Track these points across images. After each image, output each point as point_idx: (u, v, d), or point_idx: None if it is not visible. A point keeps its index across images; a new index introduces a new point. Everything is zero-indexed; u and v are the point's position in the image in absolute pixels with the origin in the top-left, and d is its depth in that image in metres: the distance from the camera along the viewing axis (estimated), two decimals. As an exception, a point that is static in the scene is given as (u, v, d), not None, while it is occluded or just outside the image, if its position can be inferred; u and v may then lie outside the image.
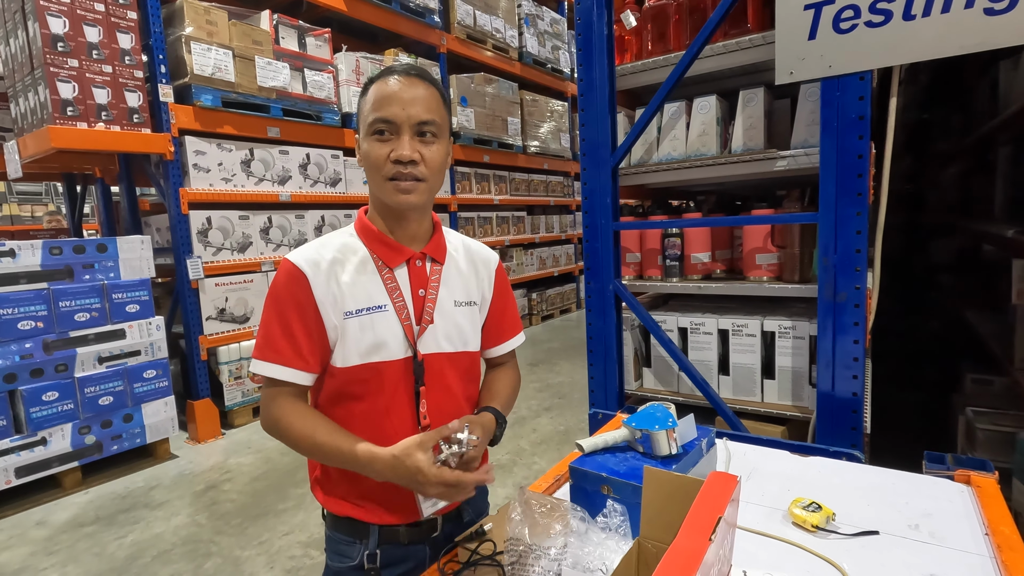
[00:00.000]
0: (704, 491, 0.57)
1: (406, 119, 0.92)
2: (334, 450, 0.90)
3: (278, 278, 0.95)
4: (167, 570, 2.38)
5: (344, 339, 0.94)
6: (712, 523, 0.51)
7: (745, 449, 1.43)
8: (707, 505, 0.54)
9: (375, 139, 0.93)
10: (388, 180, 0.94)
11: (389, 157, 0.92)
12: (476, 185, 6.53)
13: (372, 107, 0.92)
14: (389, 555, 0.99)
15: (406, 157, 0.92)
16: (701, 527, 0.51)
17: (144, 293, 3.43)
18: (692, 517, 0.53)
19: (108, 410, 3.27)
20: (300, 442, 0.92)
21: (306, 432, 0.92)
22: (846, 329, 1.56)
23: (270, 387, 0.95)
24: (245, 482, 3.20)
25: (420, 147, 0.94)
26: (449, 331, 1.03)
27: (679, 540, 0.49)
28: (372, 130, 0.92)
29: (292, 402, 0.95)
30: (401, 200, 0.95)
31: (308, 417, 0.94)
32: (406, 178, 0.94)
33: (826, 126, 1.52)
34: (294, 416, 0.93)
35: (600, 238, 1.97)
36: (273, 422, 0.94)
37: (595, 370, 2.06)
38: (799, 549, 0.99)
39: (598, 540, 0.94)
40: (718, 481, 0.59)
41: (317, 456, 0.93)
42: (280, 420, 0.93)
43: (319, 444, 0.91)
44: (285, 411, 0.93)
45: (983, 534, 1.01)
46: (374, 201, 1.01)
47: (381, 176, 0.94)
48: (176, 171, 3.73)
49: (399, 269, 1.00)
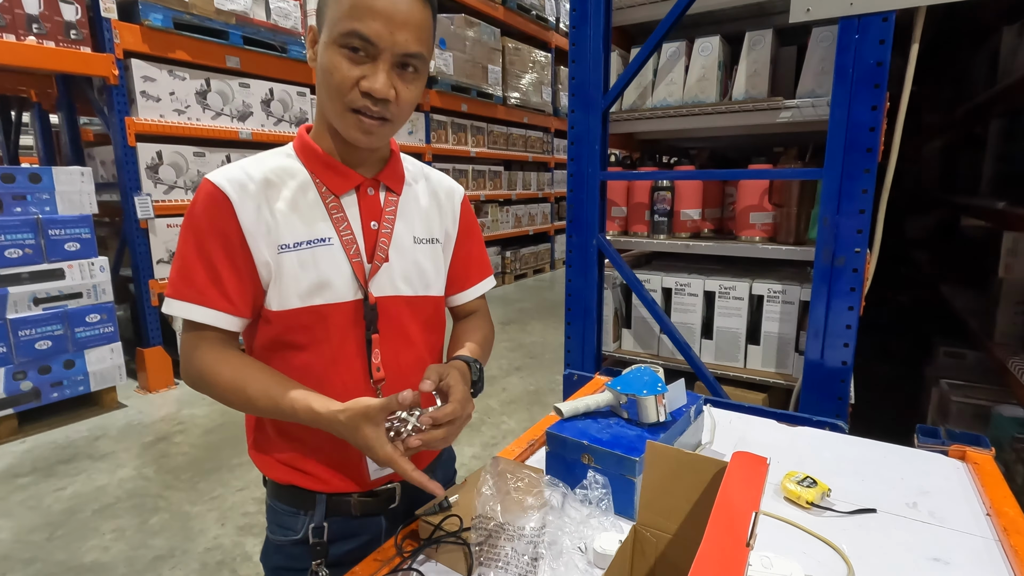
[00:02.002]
0: (730, 478, 0.45)
1: (390, 45, 0.73)
2: (270, 405, 0.76)
3: (196, 201, 0.78)
4: (109, 525, 2.24)
5: (280, 278, 0.78)
6: (746, 522, 0.39)
7: (730, 417, 1.35)
8: (737, 497, 0.43)
9: (344, 55, 0.73)
10: (350, 111, 0.76)
11: (359, 84, 0.74)
12: (452, 136, 6.24)
13: (349, 11, 0.71)
14: (339, 528, 0.87)
15: (380, 94, 0.73)
16: (734, 527, 0.39)
17: (85, 231, 3.14)
18: (720, 513, 0.41)
19: (46, 355, 3.03)
20: (230, 394, 0.78)
21: (237, 383, 0.77)
22: (841, 295, 1.47)
23: (191, 332, 0.80)
24: (198, 434, 3.04)
25: (398, 83, 0.75)
26: (408, 271, 0.87)
27: (708, 545, 0.37)
28: (343, 42, 0.72)
29: (219, 348, 0.80)
30: (360, 139, 0.78)
31: (239, 365, 0.79)
32: (373, 116, 0.76)
33: (840, 72, 1.39)
34: (222, 364, 0.78)
35: (585, 188, 1.82)
36: (196, 373, 0.79)
37: (572, 329, 1.94)
38: (793, 527, 0.91)
39: (579, 517, 0.83)
40: (745, 464, 0.47)
41: (251, 410, 0.79)
42: (205, 370, 0.78)
43: (252, 398, 0.76)
44: (210, 359, 0.78)
45: (984, 514, 0.94)
46: (322, 120, 0.83)
47: (342, 103, 0.75)
48: (121, 98, 3.39)
49: (346, 197, 0.84)
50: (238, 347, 0.83)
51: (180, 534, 2.18)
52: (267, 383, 0.78)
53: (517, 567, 0.72)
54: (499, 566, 0.71)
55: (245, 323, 0.81)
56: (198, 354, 0.78)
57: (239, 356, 0.80)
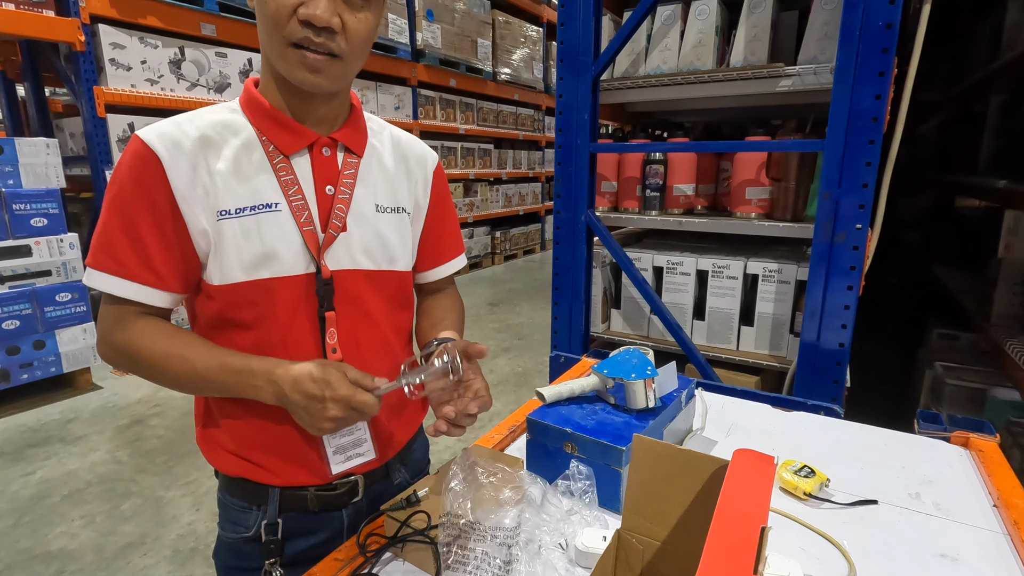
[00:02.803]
0: (731, 482, 0.38)
1: None
2: (216, 366, 0.68)
3: (122, 161, 0.68)
4: (78, 511, 2.16)
5: (221, 248, 0.69)
6: (754, 541, 0.32)
7: (722, 401, 1.28)
8: (741, 507, 0.35)
9: None
10: (290, 46, 0.66)
11: (296, 13, 0.64)
12: (441, 112, 6.08)
13: None
14: (294, 524, 0.79)
15: (321, 21, 0.63)
16: (738, 547, 0.31)
17: (53, 205, 3.00)
18: (720, 527, 0.33)
19: (14, 335, 2.91)
20: (163, 363, 0.69)
21: (173, 350, 0.69)
22: (840, 273, 1.40)
23: (112, 305, 0.70)
24: (175, 417, 2.95)
25: (344, 10, 0.66)
26: (368, 243, 0.78)
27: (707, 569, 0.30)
28: None
29: (146, 319, 0.71)
30: (306, 79, 0.68)
31: (171, 333, 0.71)
32: (317, 49, 0.66)
33: (846, 34, 1.30)
34: (151, 333, 0.69)
35: (574, 161, 1.73)
36: (119, 347, 0.70)
37: (559, 309, 1.87)
38: (791, 521, 0.85)
39: (559, 512, 0.76)
40: (748, 464, 0.40)
41: (190, 378, 0.69)
42: (131, 342, 0.69)
43: (192, 360, 0.68)
44: (135, 332, 0.69)
45: (991, 505, 0.89)
46: (268, 69, 0.73)
47: (281, 37, 0.65)
48: (89, 66, 3.21)
49: (298, 157, 0.74)
50: (167, 321, 0.74)
51: (152, 520, 2.10)
52: (209, 345, 0.70)
53: (489, 570, 0.65)
54: (468, 570, 0.63)
55: (176, 299, 0.72)
56: (119, 329, 0.69)
57: (170, 325, 0.72)
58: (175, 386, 0.71)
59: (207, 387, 0.70)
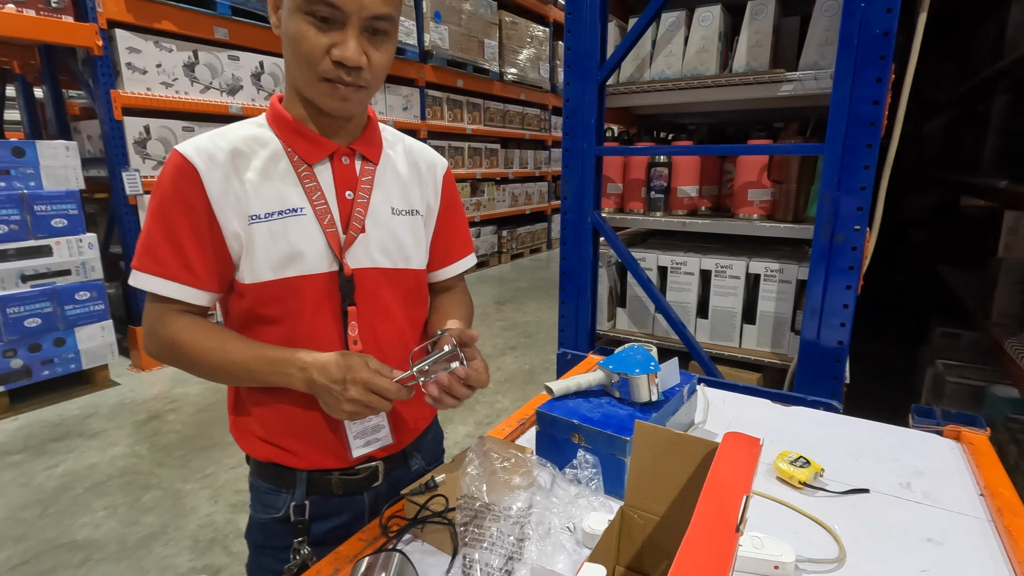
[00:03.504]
0: (720, 459, 0.43)
1: (357, 8, 0.69)
2: (253, 357, 0.74)
3: (163, 173, 0.75)
4: (101, 502, 2.23)
5: (251, 250, 0.76)
6: (737, 506, 0.37)
7: (724, 396, 1.33)
8: (727, 479, 0.40)
9: (310, 23, 0.70)
10: (323, 80, 0.73)
11: (329, 53, 0.71)
12: (448, 112, 6.14)
13: None
14: (320, 506, 0.85)
15: (352, 62, 0.71)
16: (723, 511, 0.37)
17: (72, 207, 3.08)
18: (709, 496, 0.38)
19: (36, 333, 2.99)
20: (205, 356, 0.75)
21: (213, 343, 0.75)
22: (839, 273, 1.45)
23: (155, 303, 0.77)
24: (191, 412, 3.03)
25: (369, 47, 0.73)
26: (385, 243, 0.84)
27: (696, 529, 0.35)
28: (308, 9, 0.69)
29: (186, 317, 0.77)
30: (336, 107, 0.77)
31: (212, 329, 0.77)
32: (347, 84, 0.74)
33: (845, 41, 1.34)
34: (193, 329, 0.76)
35: (581, 164, 1.78)
36: (164, 342, 0.76)
37: (566, 308, 1.92)
38: (786, 508, 0.90)
39: (567, 497, 0.81)
40: (736, 446, 0.45)
41: (229, 369, 0.76)
42: (174, 337, 0.75)
43: (230, 352, 0.74)
44: (178, 328, 0.76)
45: (978, 495, 0.93)
46: (293, 88, 0.79)
47: (314, 73, 0.73)
48: (106, 70, 3.29)
49: (320, 166, 0.80)
50: (207, 319, 0.80)
51: (172, 511, 2.18)
52: (246, 339, 0.76)
53: (503, 547, 0.70)
54: (484, 547, 0.69)
55: (213, 297, 0.79)
56: (162, 325, 0.76)
57: (210, 323, 0.78)
58: (213, 377, 0.77)
59: (244, 377, 0.77)
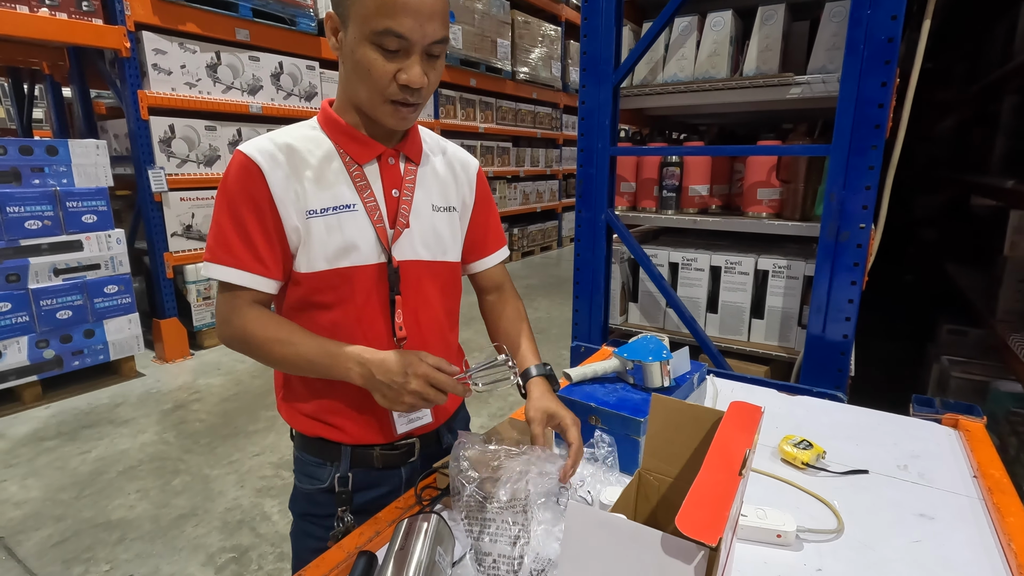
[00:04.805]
0: (727, 422, 0.50)
1: (421, 37, 0.76)
2: (316, 350, 0.81)
3: (229, 172, 0.82)
4: (133, 485, 2.34)
5: (308, 242, 0.83)
6: (739, 457, 0.44)
7: (732, 386, 1.40)
8: (731, 437, 0.47)
9: (379, 52, 0.76)
10: (389, 102, 0.81)
11: (396, 78, 0.78)
12: (461, 111, 6.22)
13: (380, 9, 0.74)
14: (361, 479, 0.93)
15: (417, 84, 0.78)
16: (728, 461, 0.44)
17: (102, 203, 3.20)
18: (717, 450, 0.46)
19: (67, 324, 3.11)
20: (272, 347, 0.83)
21: (281, 335, 0.82)
22: (845, 269, 1.51)
23: (227, 293, 0.84)
24: (215, 403, 3.14)
25: (428, 68, 0.80)
26: (427, 237, 0.92)
27: (705, 475, 0.42)
28: (377, 40, 0.76)
29: (256, 308, 0.85)
30: (399, 125, 0.84)
31: (278, 321, 0.84)
32: (410, 105, 0.82)
33: (851, 47, 1.40)
34: (262, 320, 0.83)
35: (595, 163, 1.85)
36: (236, 331, 0.84)
37: (580, 303, 1.99)
38: (789, 486, 0.96)
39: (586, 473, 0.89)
40: (741, 411, 0.52)
41: (290, 360, 0.83)
42: (245, 328, 0.83)
43: (296, 344, 0.82)
44: (250, 318, 0.83)
45: (971, 476, 0.99)
46: (347, 98, 0.87)
47: (381, 96, 0.80)
48: (134, 71, 3.41)
49: (369, 166, 0.88)
50: (272, 312, 0.88)
51: (201, 495, 2.28)
52: (309, 333, 0.83)
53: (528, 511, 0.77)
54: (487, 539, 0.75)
55: (278, 285, 0.86)
56: (237, 314, 0.83)
57: (276, 315, 0.86)
58: (277, 366, 0.85)
59: (306, 368, 0.84)
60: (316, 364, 0.82)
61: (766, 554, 0.80)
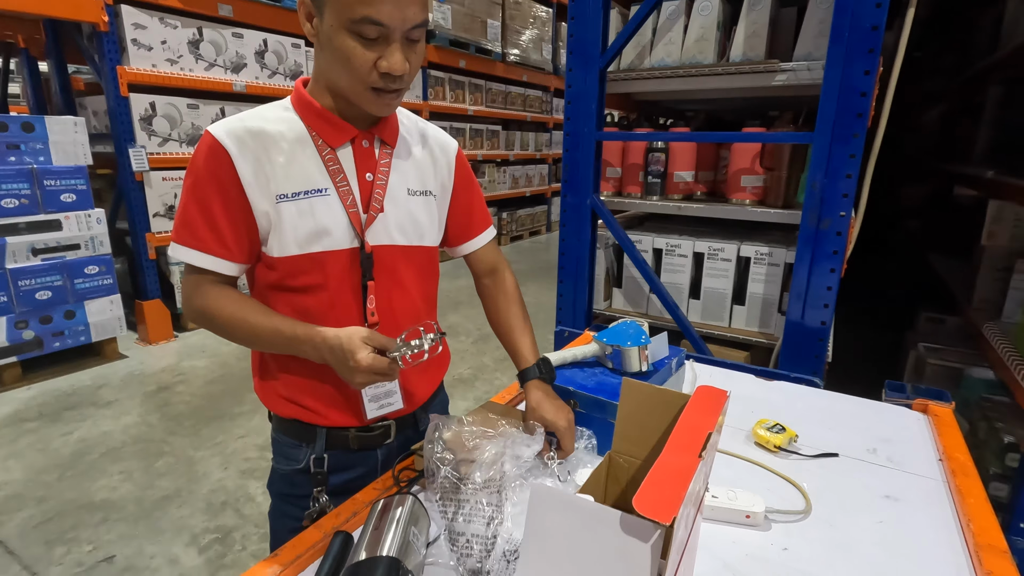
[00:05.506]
0: (692, 405, 0.51)
1: (400, 23, 0.75)
2: (270, 330, 0.82)
3: (198, 153, 0.81)
4: (116, 467, 2.33)
5: (280, 226, 0.83)
6: (701, 439, 0.45)
7: (711, 371, 1.42)
8: (695, 420, 0.48)
9: (358, 40, 0.75)
10: (371, 89, 0.80)
11: (376, 66, 0.77)
12: (450, 93, 6.14)
13: None
14: (337, 460, 0.93)
15: (399, 72, 0.77)
16: (690, 443, 0.45)
17: (81, 182, 3.13)
18: (679, 432, 0.46)
19: (47, 305, 3.07)
20: (232, 325, 0.83)
21: (238, 314, 0.83)
22: (824, 257, 1.52)
23: (192, 274, 0.84)
24: (199, 385, 3.13)
25: (409, 54, 0.79)
26: (402, 222, 0.91)
27: (666, 456, 0.43)
28: (356, 29, 0.74)
29: (218, 288, 0.85)
30: (382, 111, 0.84)
31: (238, 300, 0.84)
32: (392, 91, 0.81)
33: (836, 35, 1.40)
34: (223, 300, 0.83)
35: (581, 148, 1.84)
36: (199, 310, 0.84)
37: (565, 287, 2.00)
38: (761, 468, 0.99)
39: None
40: (707, 395, 0.53)
41: (251, 339, 0.84)
42: (207, 307, 0.83)
43: (254, 325, 0.82)
44: (211, 296, 0.83)
45: (937, 460, 1.02)
46: (323, 80, 0.85)
47: (362, 84, 0.78)
48: (112, 45, 3.32)
49: (342, 150, 0.87)
50: (236, 289, 0.87)
51: (185, 476, 2.28)
52: (267, 312, 0.83)
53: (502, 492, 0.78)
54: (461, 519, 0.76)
55: (242, 268, 0.86)
56: (198, 293, 0.84)
57: (238, 293, 0.86)
58: (241, 343, 0.85)
59: (266, 346, 0.85)
60: (275, 343, 0.83)
61: (735, 534, 0.82)
